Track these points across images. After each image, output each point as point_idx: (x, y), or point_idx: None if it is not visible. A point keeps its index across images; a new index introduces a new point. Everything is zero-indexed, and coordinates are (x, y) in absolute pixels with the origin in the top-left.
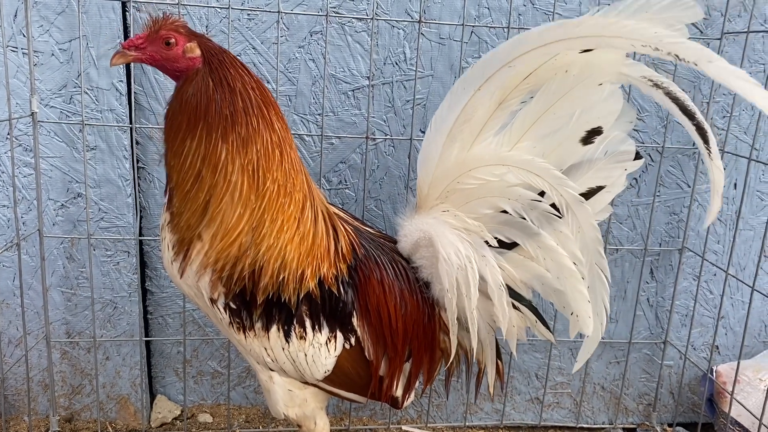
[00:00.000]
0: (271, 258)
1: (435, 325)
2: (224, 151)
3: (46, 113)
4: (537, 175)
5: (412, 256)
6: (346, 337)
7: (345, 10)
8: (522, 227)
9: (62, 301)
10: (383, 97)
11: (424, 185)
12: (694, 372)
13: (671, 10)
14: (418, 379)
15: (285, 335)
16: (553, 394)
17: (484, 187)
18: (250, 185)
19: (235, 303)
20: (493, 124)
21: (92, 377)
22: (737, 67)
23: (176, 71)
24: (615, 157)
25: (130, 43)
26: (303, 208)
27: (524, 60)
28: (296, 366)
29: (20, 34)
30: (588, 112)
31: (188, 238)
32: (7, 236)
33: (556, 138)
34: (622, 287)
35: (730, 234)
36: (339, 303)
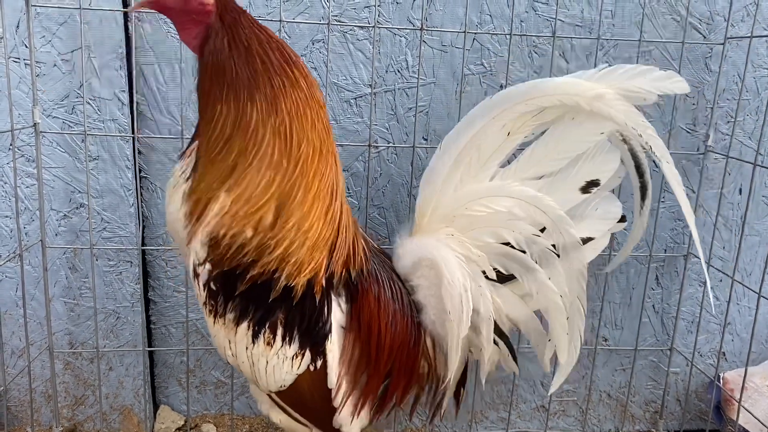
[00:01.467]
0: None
1: (419, 351)
2: (254, 113)
3: (49, 123)
4: (543, 212)
5: (410, 275)
6: (313, 358)
7: (347, 18)
8: (521, 261)
9: (65, 311)
10: (385, 105)
11: (427, 206)
12: (700, 379)
13: (664, 81)
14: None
15: (253, 335)
16: (559, 402)
17: (491, 217)
18: (281, 149)
19: (216, 284)
20: (500, 155)
21: (95, 388)
22: (677, 174)
23: (192, 20)
24: (603, 215)
25: None
26: (337, 175)
27: (540, 102)
28: (253, 370)
29: (22, 45)
30: (590, 163)
31: (205, 198)
32: (9, 247)
33: (558, 181)
34: (628, 294)
35: (735, 239)
36: (318, 322)
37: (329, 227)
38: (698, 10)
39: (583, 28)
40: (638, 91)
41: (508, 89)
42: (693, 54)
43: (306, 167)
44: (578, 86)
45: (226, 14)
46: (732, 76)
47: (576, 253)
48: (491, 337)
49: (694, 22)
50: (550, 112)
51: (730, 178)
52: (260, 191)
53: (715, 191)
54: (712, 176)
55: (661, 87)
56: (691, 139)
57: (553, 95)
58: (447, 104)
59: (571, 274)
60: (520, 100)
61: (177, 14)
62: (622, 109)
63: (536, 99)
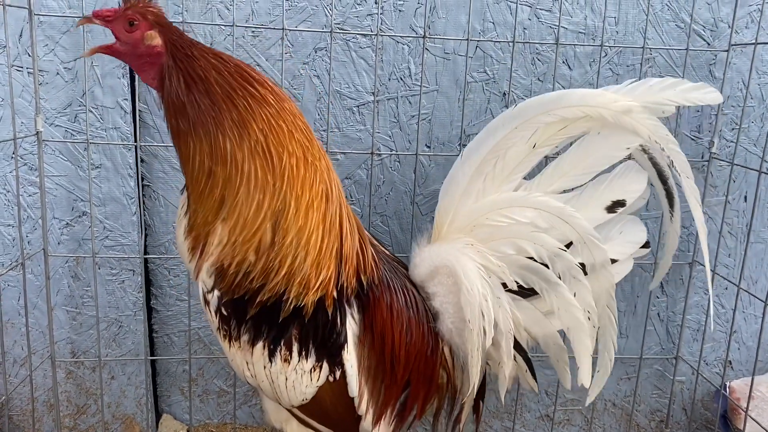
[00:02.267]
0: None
1: (437, 360)
2: (227, 141)
3: (51, 132)
4: (567, 223)
5: (426, 283)
6: (332, 369)
7: (349, 26)
8: (543, 275)
9: (67, 320)
10: (388, 113)
11: (446, 214)
12: (706, 388)
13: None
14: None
15: (269, 354)
16: (564, 411)
17: (512, 228)
18: (263, 168)
19: (227, 310)
20: (524, 167)
21: (97, 397)
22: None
23: (144, 62)
24: (627, 238)
25: (98, 14)
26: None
27: (563, 112)
28: (274, 387)
29: (25, 54)
30: (616, 182)
31: (203, 233)
32: (12, 255)
33: (584, 197)
34: (633, 302)
35: (741, 247)
36: (332, 334)
37: (330, 234)
38: (702, 17)
39: (586, 35)
40: (668, 105)
41: (531, 99)
42: (697, 61)
43: (293, 179)
44: (603, 98)
45: (176, 51)
46: (736, 82)
47: (605, 271)
48: (511, 352)
49: (698, 29)
50: (578, 126)
51: (735, 185)
52: (253, 215)
53: (720, 198)
54: (717, 183)
55: (693, 99)
56: (696, 147)
57: (577, 106)
58: (450, 112)
59: (599, 290)
60: (543, 110)
61: (130, 59)
62: (647, 123)
63: (559, 110)
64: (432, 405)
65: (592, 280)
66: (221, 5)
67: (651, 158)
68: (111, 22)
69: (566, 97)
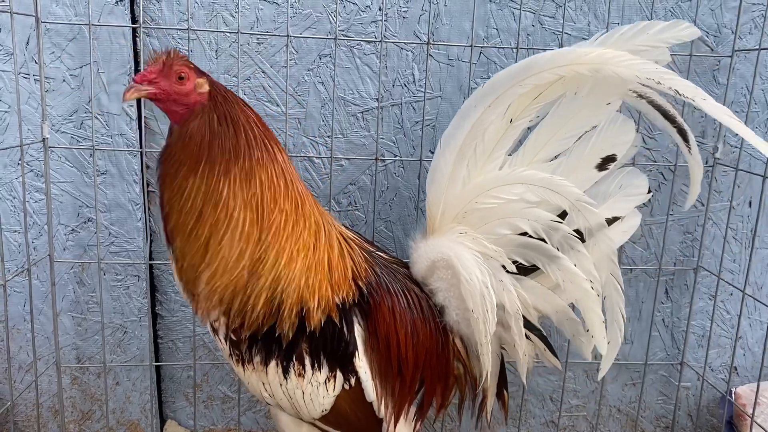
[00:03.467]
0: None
1: (449, 353)
2: (226, 187)
3: (57, 138)
4: (556, 192)
5: (427, 279)
6: (346, 377)
7: (354, 33)
8: (542, 250)
9: (72, 326)
10: (392, 119)
11: (436, 206)
12: (712, 394)
13: (670, 31)
14: (429, 409)
15: (283, 371)
16: (569, 417)
17: (503, 208)
18: (252, 220)
19: (236, 335)
20: (505, 143)
21: (102, 403)
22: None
23: (184, 106)
24: (628, 191)
25: (143, 78)
26: (317, 234)
27: (535, 80)
28: (293, 403)
29: (32, 61)
30: (603, 138)
31: (193, 278)
32: (18, 261)
33: (571, 161)
34: (637, 308)
35: (745, 252)
36: (341, 343)
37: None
38: (705, 23)
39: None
40: (644, 50)
41: (499, 73)
42: (701, 66)
43: (279, 234)
44: (574, 53)
45: (217, 94)
46: (740, 88)
47: (603, 235)
48: (522, 332)
49: (702, 35)
50: (551, 91)
51: (740, 191)
52: (235, 260)
53: (725, 204)
54: (721, 189)
55: (668, 38)
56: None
57: (549, 69)
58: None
59: (600, 257)
60: (514, 82)
61: (177, 105)
62: (628, 63)
63: (531, 78)
64: (453, 396)
65: (592, 247)
66: (226, 12)
67: (650, 101)
68: (159, 83)
69: (535, 63)
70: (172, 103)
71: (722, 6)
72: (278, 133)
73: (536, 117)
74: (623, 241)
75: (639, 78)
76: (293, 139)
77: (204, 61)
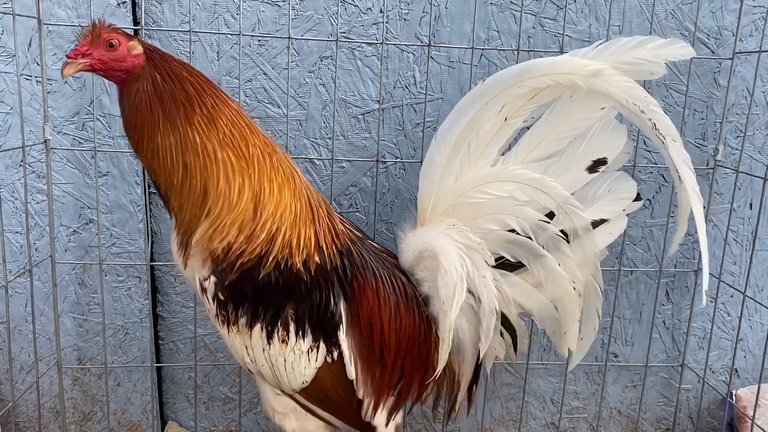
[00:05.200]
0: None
1: (431, 344)
2: (196, 134)
3: (59, 140)
4: (546, 193)
5: (414, 269)
6: (329, 349)
7: (355, 35)
8: (528, 247)
9: (74, 327)
10: (393, 121)
11: (427, 198)
12: (713, 396)
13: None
14: (407, 400)
15: (267, 336)
16: (569, 419)
17: (493, 204)
18: (237, 155)
19: (224, 294)
20: (499, 141)
21: (103, 404)
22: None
23: (123, 72)
24: (616, 195)
25: (76, 52)
26: (293, 172)
27: (533, 83)
28: (274, 371)
29: (34, 63)
30: (595, 141)
31: (193, 228)
32: (19, 262)
33: (563, 162)
34: (638, 310)
35: (746, 255)
36: (327, 313)
37: (301, 204)
38: (706, 25)
39: (590, 43)
40: (640, 63)
41: (499, 73)
42: (701, 69)
43: (263, 165)
44: (572, 63)
45: (152, 53)
46: (741, 90)
47: (587, 238)
48: (491, 329)
49: (702, 37)
50: (547, 93)
51: (740, 193)
52: (237, 195)
53: (725, 206)
54: (722, 191)
55: (664, 55)
56: (701, 154)
57: (547, 75)
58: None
59: (583, 259)
60: (513, 83)
61: (115, 72)
62: (621, 84)
63: (529, 80)
64: (432, 390)
65: (576, 249)
66: (228, 14)
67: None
68: (92, 54)
69: (534, 67)
70: (112, 70)
71: (723, 8)
72: (279, 135)
73: (531, 117)
74: (607, 243)
75: (627, 101)
76: (294, 140)
77: (205, 63)
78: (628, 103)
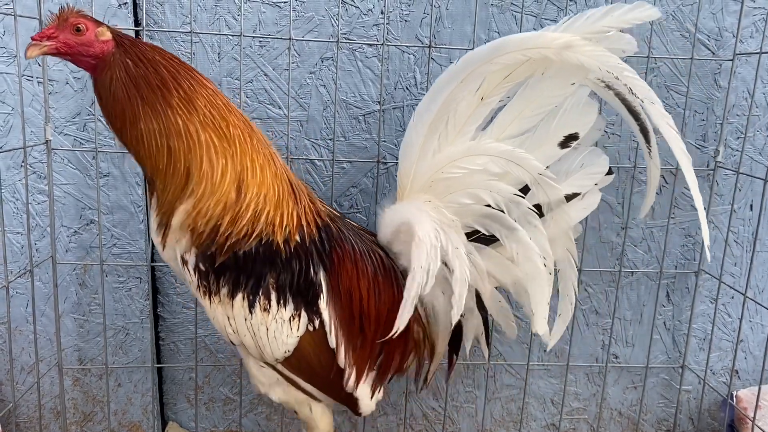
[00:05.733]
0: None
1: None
2: (177, 116)
3: (60, 141)
4: (517, 164)
5: (392, 244)
6: (310, 318)
7: (355, 36)
8: (501, 220)
9: (74, 327)
10: (394, 122)
11: (406, 175)
12: (713, 397)
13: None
14: (389, 373)
15: (249, 305)
16: (570, 420)
17: (467, 178)
18: (218, 136)
19: (205, 265)
20: (476, 119)
21: (104, 404)
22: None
23: (91, 58)
24: (589, 169)
25: (42, 35)
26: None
27: (505, 59)
28: (256, 341)
29: (35, 63)
30: (567, 117)
31: (173, 209)
32: (20, 263)
33: (536, 138)
34: (638, 311)
35: (747, 256)
36: (307, 281)
37: (282, 185)
38: (707, 26)
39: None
40: (608, 31)
41: (473, 51)
42: (702, 70)
43: (244, 145)
44: (543, 38)
45: (122, 39)
46: (741, 91)
47: (561, 211)
48: (462, 297)
49: (703, 38)
50: (522, 71)
51: (741, 194)
52: (220, 179)
53: (726, 207)
54: (723, 192)
55: (630, 19)
56: (701, 155)
57: (518, 50)
58: None
59: (557, 232)
60: (486, 59)
61: (83, 57)
62: (593, 54)
63: (502, 57)
64: (412, 361)
65: (550, 222)
66: (229, 15)
67: (617, 94)
68: (58, 37)
69: (506, 44)
70: (79, 55)
71: (723, 10)
72: (280, 136)
73: (506, 96)
74: (581, 217)
75: (600, 69)
76: (295, 141)
77: (206, 64)
78: (600, 70)
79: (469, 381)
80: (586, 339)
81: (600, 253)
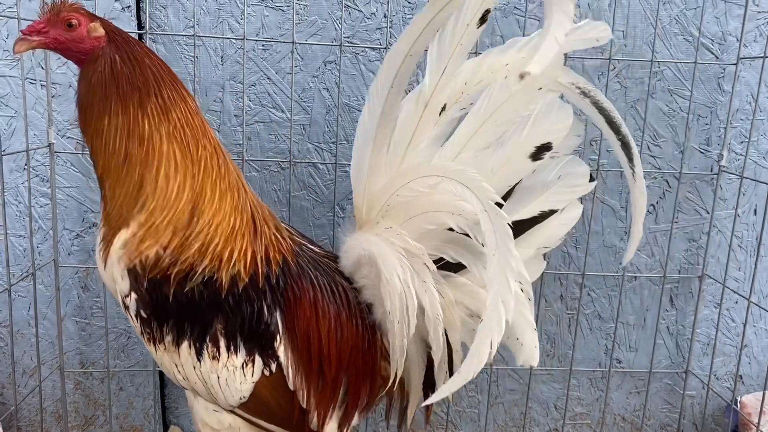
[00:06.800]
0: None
1: (375, 352)
2: (146, 122)
3: (63, 144)
4: (467, 187)
5: (354, 275)
6: (266, 362)
7: (358, 39)
8: (467, 246)
9: (76, 330)
10: None
11: (360, 200)
12: (717, 402)
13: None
14: (356, 412)
15: (197, 353)
16: (573, 425)
17: (423, 200)
18: (183, 152)
19: (146, 312)
20: (424, 130)
21: (105, 408)
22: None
23: (82, 53)
24: (568, 181)
25: (32, 29)
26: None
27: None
28: (208, 388)
29: (39, 67)
30: (538, 125)
31: (119, 225)
32: (23, 266)
33: (504, 150)
34: (642, 315)
35: (751, 261)
36: (260, 324)
37: (242, 217)
38: (710, 31)
39: (594, 48)
40: None
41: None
42: (705, 74)
43: (209, 168)
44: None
45: (115, 36)
46: (745, 96)
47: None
48: (440, 339)
49: (707, 43)
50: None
51: (745, 199)
52: (176, 194)
53: (730, 212)
54: (727, 196)
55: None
56: (705, 160)
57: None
58: None
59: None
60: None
61: (73, 53)
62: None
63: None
64: (381, 399)
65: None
66: (232, 19)
67: (594, 102)
68: (48, 32)
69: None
70: (70, 50)
71: (727, 14)
72: (283, 140)
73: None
74: (562, 234)
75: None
76: (298, 145)
77: (210, 68)
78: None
79: (472, 386)
80: (590, 343)
81: (603, 257)
